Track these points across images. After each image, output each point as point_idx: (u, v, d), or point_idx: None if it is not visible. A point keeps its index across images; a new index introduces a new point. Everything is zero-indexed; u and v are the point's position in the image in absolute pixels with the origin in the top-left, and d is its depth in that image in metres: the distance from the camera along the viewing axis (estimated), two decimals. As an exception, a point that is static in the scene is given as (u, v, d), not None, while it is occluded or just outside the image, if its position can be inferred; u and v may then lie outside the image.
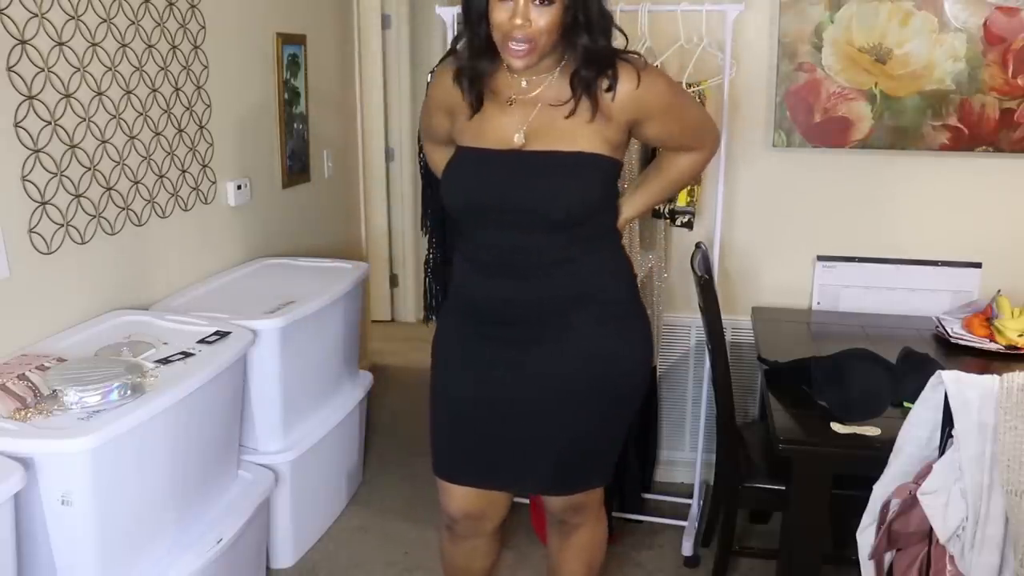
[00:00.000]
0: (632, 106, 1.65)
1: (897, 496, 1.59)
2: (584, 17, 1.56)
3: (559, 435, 1.76)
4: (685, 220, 2.47)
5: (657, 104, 1.68)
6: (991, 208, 2.71)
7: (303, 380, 2.52)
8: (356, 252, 3.82)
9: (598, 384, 1.75)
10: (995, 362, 2.30)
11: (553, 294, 1.70)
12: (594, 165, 1.66)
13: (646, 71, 1.66)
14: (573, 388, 1.73)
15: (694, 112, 1.85)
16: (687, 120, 1.78)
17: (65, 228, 2.10)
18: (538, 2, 1.51)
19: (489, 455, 1.81)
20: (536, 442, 1.77)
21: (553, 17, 1.53)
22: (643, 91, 1.64)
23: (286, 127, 3.09)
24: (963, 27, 2.56)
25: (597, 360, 1.73)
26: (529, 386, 1.74)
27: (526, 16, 1.51)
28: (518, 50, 1.55)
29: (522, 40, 1.54)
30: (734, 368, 2.57)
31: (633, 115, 1.67)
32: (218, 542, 2.05)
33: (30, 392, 1.76)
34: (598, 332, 1.73)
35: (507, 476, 1.83)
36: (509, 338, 1.74)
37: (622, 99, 1.63)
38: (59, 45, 2.04)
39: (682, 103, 1.79)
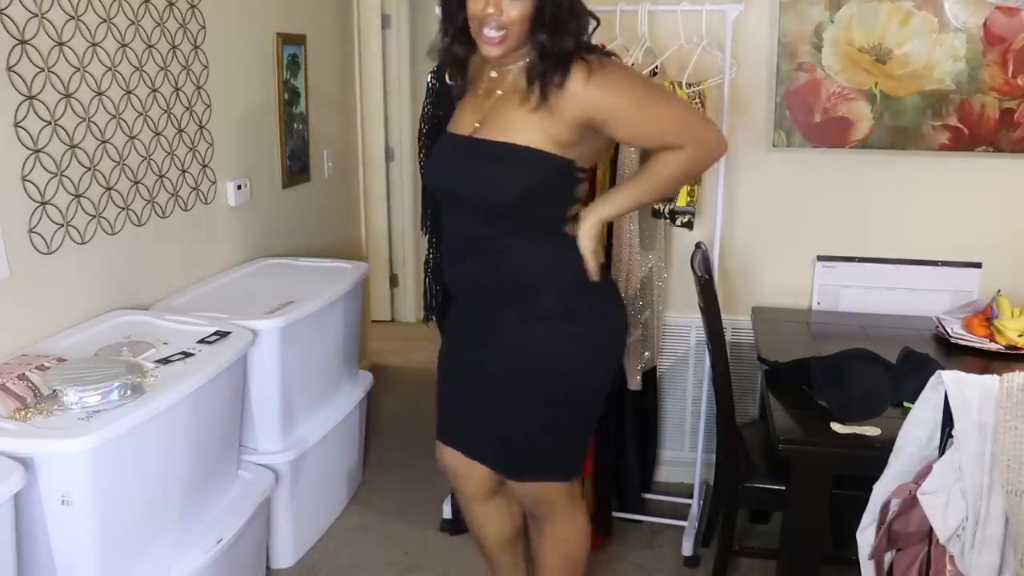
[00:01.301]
0: (582, 104, 1.65)
1: (897, 496, 1.59)
2: (552, 14, 1.62)
3: (496, 422, 1.86)
4: (685, 220, 2.47)
5: (611, 103, 1.66)
6: (991, 208, 2.71)
7: (303, 380, 2.52)
8: (356, 252, 3.82)
9: (521, 380, 1.80)
10: (995, 362, 2.30)
11: (496, 282, 1.77)
12: (525, 158, 1.68)
13: (600, 70, 1.65)
14: (498, 380, 1.82)
15: (666, 109, 1.74)
16: (659, 118, 1.71)
17: (65, 228, 2.10)
18: None
19: (460, 424, 1.96)
20: (482, 424, 1.89)
21: (525, 8, 1.61)
22: (592, 90, 1.64)
23: (286, 127, 3.09)
24: (963, 27, 2.56)
25: (520, 356, 1.78)
26: (479, 371, 1.85)
27: (498, 6, 1.60)
28: (491, 38, 1.64)
29: (495, 28, 1.62)
30: (734, 368, 2.57)
31: (585, 113, 1.66)
32: (218, 542, 2.05)
33: (30, 392, 1.76)
34: (523, 327, 1.77)
35: (471, 447, 1.95)
36: (474, 321, 1.86)
37: (570, 96, 1.64)
38: (59, 45, 2.04)
39: (648, 101, 1.71)
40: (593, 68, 1.64)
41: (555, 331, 1.77)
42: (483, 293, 1.81)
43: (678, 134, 1.72)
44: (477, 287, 1.81)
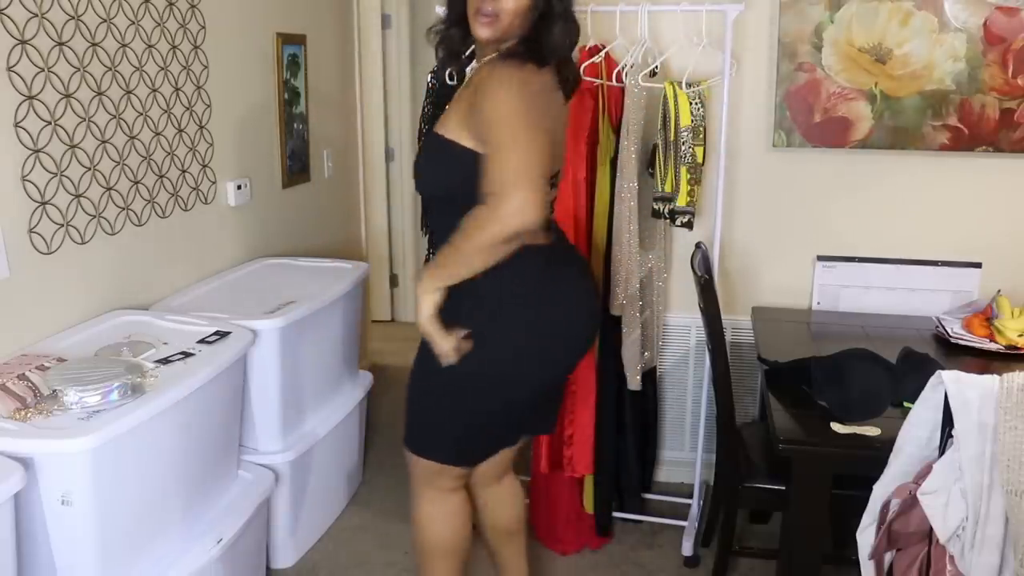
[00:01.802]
0: (473, 98, 1.66)
1: (897, 496, 1.59)
2: (544, 10, 1.68)
3: (409, 389, 1.94)
4: (685, 220, 2.47)
5: (480, 104, 1.62)
6: (991, 208, 2.71)
7: (303, 380, 2.52)
8: (356, 252, 3.82)
9: (421, 355, 1.86)
10: (995, 362, 2.30)
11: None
12: (445, 150, 1.71)
13: (492, 72, 1.64)
14: (418, 354, 1.88)
15: (509, 140, 1.56)
16: (496, 145, 1.58)
17: (65, 228, 2.10)
18: None
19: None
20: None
21: (520, 1, 1.66)
22: (478, 87, 1.65)
23: (286, 127, 3.09)
24: (963, 27, 2.56)
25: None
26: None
27: None
28: (484, 19, 1.68)
29: (489, 12, 1.67)
30: (734, 368, 2.57)
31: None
32: (218, 542, 2.05)
33: (30, 392, 1.77)
34: (443, 307, 1.73)
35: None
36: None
37: (472, 90, 1.68)
38: (59, 45, 2.04)
39: (498, 124, 1.58)
40: (494, 66, 1.66)
41: (453, 318, 1.74)
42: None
43: (492, 175, 1.57)
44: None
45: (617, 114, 2.46)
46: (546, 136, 1.63)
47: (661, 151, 2.44)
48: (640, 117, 2.44)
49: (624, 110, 2.42)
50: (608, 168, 2.46)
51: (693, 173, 2.43)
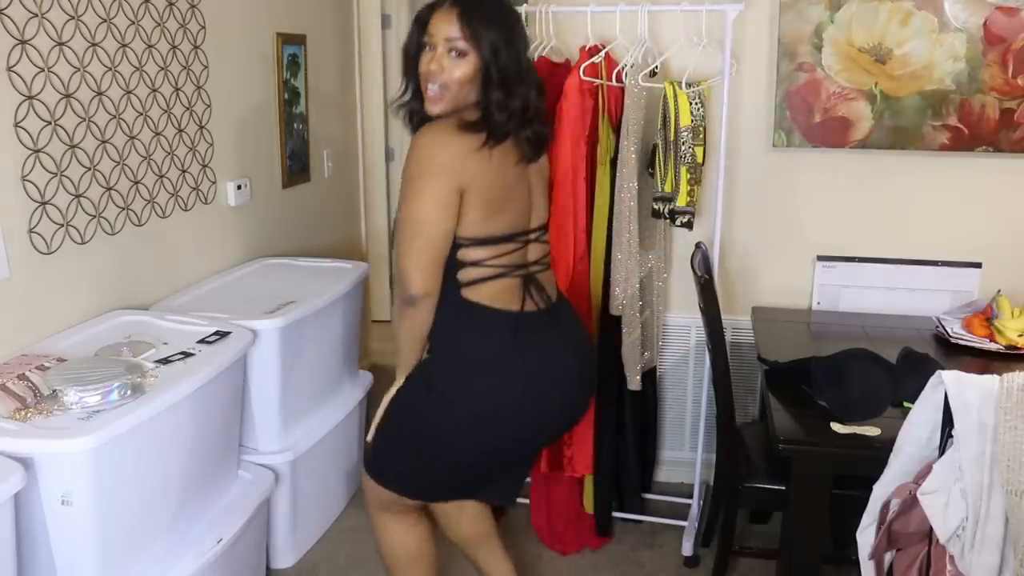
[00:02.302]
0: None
1: (897, 496, 1.59)
2: (499, 76, 1.69)
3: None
4: (685, 220, 2.46)
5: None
6: (991, 208, 2.71)
7: (303, 380, 2.52)
8: (356, 252, 3.82)
9: (403, 387, 1.86)
10: (995, 362, 2.30)
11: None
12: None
13: (416, 138, 1.71)
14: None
15: (405, 209, 1.70)
16: (401, 207, 1.71)
17: (65, 228, 2.10)
18: (454, 54, 1.68)
19: None
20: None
21: (466, 70, 1.69)
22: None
23: (286, 127, 3.09)
24: (963, 27, 2.56)
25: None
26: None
27: (440, 64, 1.69)
28: (431, 94, 1.72)
29: (436, 85, 1.70)
30: (734, 368, 2.57)
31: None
32: (218, 542, 2.05)
33: (30, 392, 1.76)
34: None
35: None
36: None
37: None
38: (59, 45, 2.04)
39: (404, 187, 1.70)
40: (420, 133, 1.72)
41: (423, 370, 1.81)
42: None
43: (398, 239, 1.72)
44: None
45: (617, 114, 2.46)
46: (451, 206, 1.67)
47: (661, 151, 2.44)
48: (640, 117, 2.44)
49: (624, 110, 2.42)
50: (608, 168, 2.46)
51: (693, 173, 2.43)
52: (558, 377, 1.82)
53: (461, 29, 1.67)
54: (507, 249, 1.76)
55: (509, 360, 1.77)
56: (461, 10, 1.68)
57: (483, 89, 1.71)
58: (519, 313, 1.77)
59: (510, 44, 1.70)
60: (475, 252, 1.73)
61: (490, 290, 1.75)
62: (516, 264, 1.78)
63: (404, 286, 1.72)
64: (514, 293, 1.78)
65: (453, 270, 1.74)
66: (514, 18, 1.76)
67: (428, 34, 1.71)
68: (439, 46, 1.69)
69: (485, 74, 1.69)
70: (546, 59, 2.53)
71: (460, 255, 1.73)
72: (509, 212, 1.76)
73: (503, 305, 1.76)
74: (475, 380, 1.77)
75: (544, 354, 1.81)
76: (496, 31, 1.68)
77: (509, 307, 1.76)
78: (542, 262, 1.86)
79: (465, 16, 1.67)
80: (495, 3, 1.75)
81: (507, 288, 1.77)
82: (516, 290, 1.78)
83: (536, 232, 1.85)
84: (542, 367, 1.79)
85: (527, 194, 1.82)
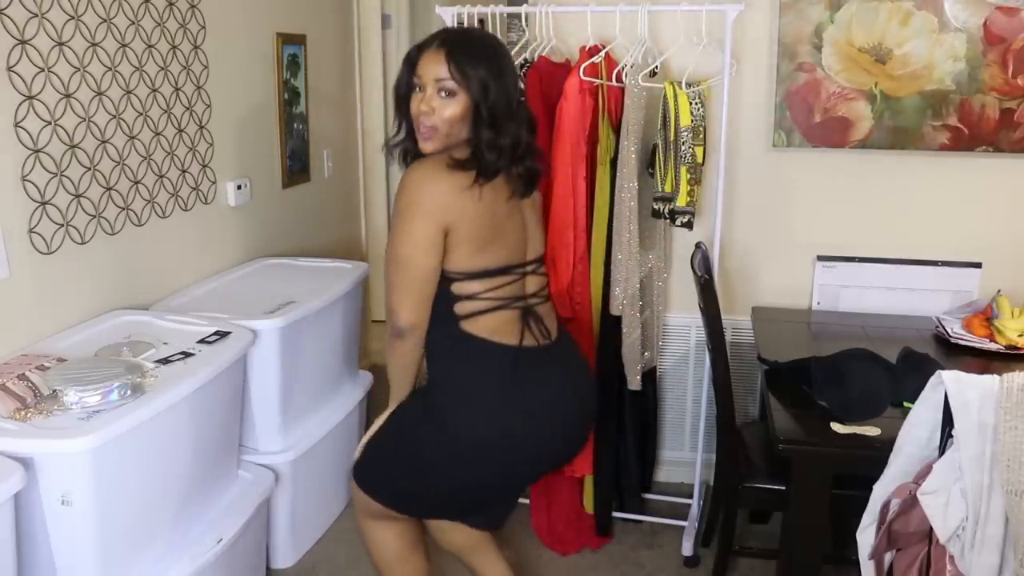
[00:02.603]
0: None
1: (897, 496, 1.59)
2: (489, 114, 1.69)
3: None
4: (685, 220, 2.46)
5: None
6: (991, 208, 2.71)
7: (303, 380, 2.52)
8: (356, 252, 3.82)
9: (405, 403, 1.90)
10: (995, 362, 2.30)
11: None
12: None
13: (405, 174, 1.73)
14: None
15: (393, 245, 1.73)
16: (389, 243, 1.74)
17: (65, 228, 2.10)
18: (444, 95, 1.69)
19: None
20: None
21: (456, 110, 1.70)
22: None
23: (286, 127, 3.09)
24: (963, 27, 2.56)
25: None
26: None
27: (430, 104, 1.70)
28: (423, 133, 1.73)
29: (428, 126, 1.72)
30: (734, 368, 2.57)
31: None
32: (218, 542, 2.05)
33: (30, 392, 1.76)
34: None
35: None
36: None
37: None
38: (59, 45, 2.04)
39: (394, 221, 1.73)
40: (411, 168, 1.73)
41: (425, 395, 1.83)
42: None
43: (386, 274, 1.76)
44: None
45: (617, 114, 2.46)
46: (437, 244, 1.69)
47: (661, 151, 2.44)
48: (640, 117, 2.44)
49: (624, 110, 2.41)
50: (608, 168, 2.46)
51: (693, 173, 2.43)
52: (557, 412, 1.82)
53: (449, 70, 1.68)
54: (503, 281, 1.77)
55: (508, 393, 1.77)
56: (449, 51, 1.69)
57: (473, 127, 1.72)
58: (518, 348, 1.77)
59: (499, 81, 1.70)
60: (470, 285, 1.74)
61: (489, 323, 1.76)
62: (514, 296, 1.79)
63: (392, 319, 1.76)
64: (513, 326, 1.78)
65: (450, 303, 1.75)
66: (502, 54, 1.76)
67: (417, 75, 1.72)
68: (428, 87, 1.70)
69: (475, 113, 1.70)
70: (546, 59, 2.53)
71: (455, 289, 1.74)
72: (502, 246, 1.77)
73: (502, 339, 1.76)
74: (474, 412, 1.77)
75: (543, 389, 1.80)
76: (485, 69, 1.69)
77: (508, 341, 1.77)
78: (540, 294, 1.86)
79: (453, 56, 1.68)
80: (483, 41, 1.77)
81: (506, 321, 1.77)
82: (515, 322, 1.78)
83: (533, 264, 1.85)
84: (541, 402, 1.80)
85: (521, 228, 1.83)
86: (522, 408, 1.78)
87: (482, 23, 2.64)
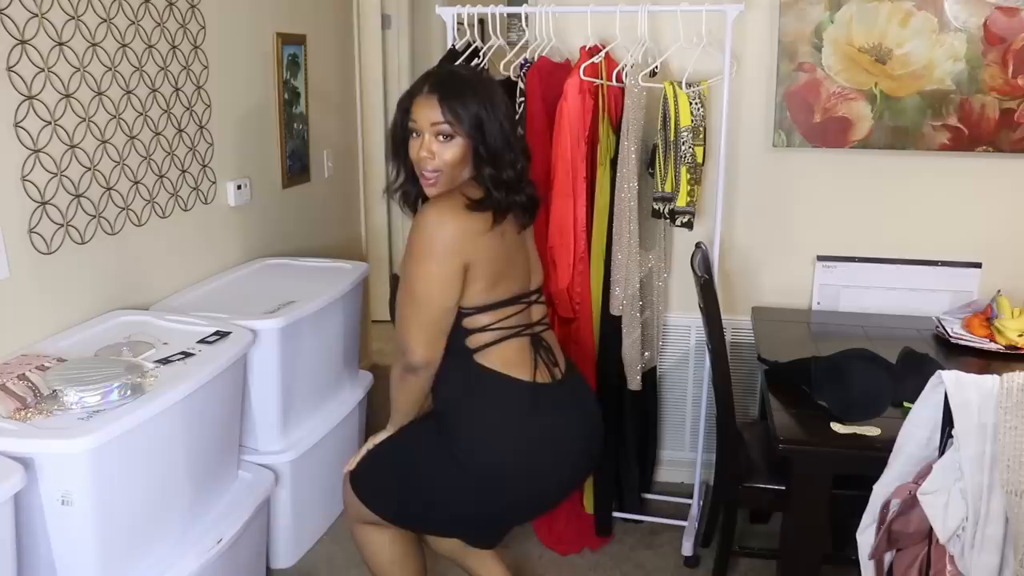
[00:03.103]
0: None
1: (897, 496, 1.59)
2: (488, 151, 1.71)
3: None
4: (685, 220, 2.46)
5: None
6: (991, 208, 2.71)
7: (303, 380, 2.52)
8: (356, 252, 3.82)
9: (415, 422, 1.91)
10: (995, 362, 2.30)
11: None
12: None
13: (419, 214, 1.74)
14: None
15: (407, 282, 1.73)
16: (403, 280, 1.74)
17: (65, 228, 2.10)
18: (441, 138, 1.71)
19: None
20: None
21: (456, 152, 1.71)
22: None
23: (286, 127, 3.09)
24: (963, 27, 2.56)
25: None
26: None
27: (430, 150, 1.71)
28: (427, 179, 1.75)
29: (431, 171, 1.73)
30: (734, 368, 2.57)
31: None
32: (218, 542, 2.05)
33: (30, 392, 1.76)
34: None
35: None
36: None
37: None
38: (59, 45, 2.04)
39: (407, 262, 1.73)
40: (426, 209, 1.73)
41: (439, 423, 1.83)
42: None
43: (400, 310, 1.76)
44: None
45: (617, 114, 2.46)
46: (455, 281, 1.70)
47: (661, 151, 2.44)
48: (640, 117, 2.44)
49: (624, 110, 2.41)
50: (608, 168, 2.46)
51: (693, 173, 2.43)
52: (571, 447, 1.85)
53: (444, 114, 1.70)
54: (511, 312, 1.78)
55: (526, 426, 1.79)
56: (441, 95, 1.70)
57: (475, 166, 1.75)
58: (533, 384, 1.78)
59: (493, 116, 1.72)
60: (481, 318, 1.76)
61: (501, 354, 1.77)
62: (522, 324, 1.81)
63: (406, 356, 1.75)
64: (524, 355, 1.79)
65: (463, 338, 1.76)
66: (493, 87, 1.79)
67: (413, 120, 1.73)
68: (425, 132, 1.71)
69: (475, 152, 1.72)
70: (546, 59, 2.53)
71: (467, 323, 1.76)
72: (512, 278, 1.79)
73: (517, 373, 1.78)
74: (489, 444, 1.78)
75: (557, 426, 1.82)
76: (477, 106, 1.70)
77: (522, 376, 1.78)
78: (544, 322, 1.89)
79: (446, 100, 1.70)
80: (472, 79, 1.79)
81: (517, 350, 1.79)
82: (526, 351, 1.80)
83: (535, 294, 1.87)
84: (555, 437, 1.81)
85: (526, 259, 1.85)
86: (539, 441, 1.79)
87: (482, 23, 2.64)
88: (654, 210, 2.49)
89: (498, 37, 2.57)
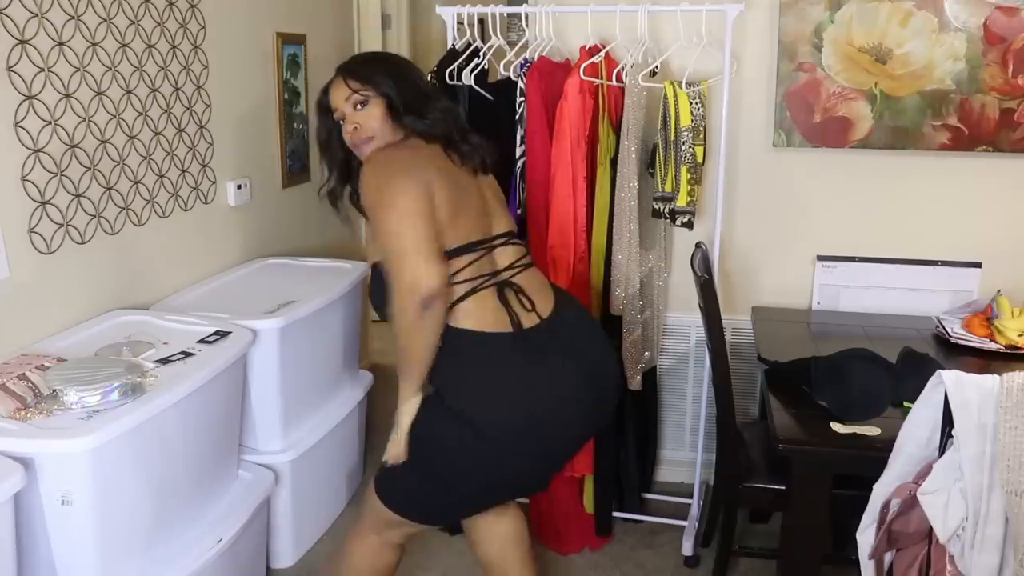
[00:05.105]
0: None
1: (897, 496, 1.59)
2: (402, 103, 1.80)
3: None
4: (685, 220, 2.46)
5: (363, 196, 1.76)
6: (991, 208, 2.71)
7: (303, 380, 2.52)
8: (356, 252, 3.81)
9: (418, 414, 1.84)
10: (995, 362, 2.30)
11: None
12: (375, 275, 1.83)
13: (365, 164, 1.78)
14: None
15: (383, 229, 1.69)
16: (379, 233, 1.72)
17: (65, 228, 2.10)
18: (359, 107, 1.81)
19: None
20: None
21: (374, 112, 1.80)
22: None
23: (286, 127, 3.09)
24: (963, 27, 2.56)
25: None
26: None
27: (355, 121, 1.82)
28: (362, 146, 1.83)
29: (363, 140, 1.82)
30: (734, 368, 2.57)
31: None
32: (218, 542, 2.05)
33: (30, 392, 1.77)
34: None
35: None
36: None
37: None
38: (59, 45, 2.04)
39: (375, 210, 1.71)
40: (364, 163, 1.78)
41: (443, 400, 1.77)
42: None
43: (389, 259, 1.69)
44: None
45: (617, 114, 2.46)
46: (424, 200, 1.67)
47: (661, 151, 2.44)
48: (640, 117, 2.44)
49: (624, 110, 2.42)
50: (608, 168, 2.46)
51: (693, 173, 2.43)
52: (570, 390, 1.78)
53: (350, 83, 1.81)
54: (468, 260, 1.74)
55: (520, 376, 1.74)
56: (346, 73, 1.83)
57: (399, 123, 1.81)
58: (510, 334, 1.74)
59: (401, 76, 1.83)
60: (456, 262, 1.73)
61: (471, 311, 1.72)
62: (486, 274, 1.76)
63: (416, 287, 1.62)
64: (494, 307, 1.74)
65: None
66: (396, 59, 1.92)
67: (333, 108, 1.84)
68: (345, 110, 1.82)
69: (394, 109, 1.80)
70: (546, 59, 2.53)
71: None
72: (467, 219, 1.76)
73: (493, 327, 1.73)
74: (489, 402, 1.73)
75: (552, 365, 1.77)
76: (384, 72, 1.82)
77: (501, 328, 1.73)
78: (516, 265, 1.82)
79: (350, 73, 1.83)
80: (374, 55, 1.95)
81: (484, 304, 1.74)
82: (492, 299, 1.75)
83: (501, 238, 1.83)
84: (551, 383, 1.76)
85: (483, 203, 1.84)
86: (537, 391, 1.74)
87: (482, 23, 2.64)
88: (654, 210, 2.49)
89: (498, 37, 2.58)
